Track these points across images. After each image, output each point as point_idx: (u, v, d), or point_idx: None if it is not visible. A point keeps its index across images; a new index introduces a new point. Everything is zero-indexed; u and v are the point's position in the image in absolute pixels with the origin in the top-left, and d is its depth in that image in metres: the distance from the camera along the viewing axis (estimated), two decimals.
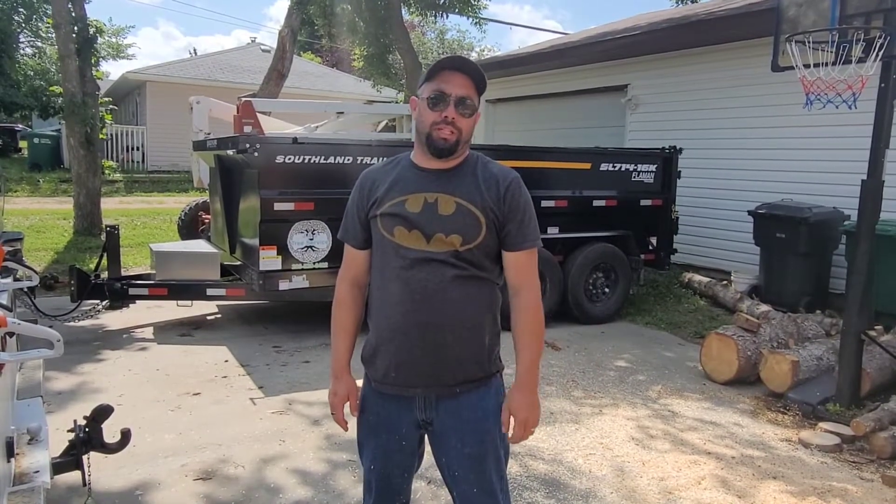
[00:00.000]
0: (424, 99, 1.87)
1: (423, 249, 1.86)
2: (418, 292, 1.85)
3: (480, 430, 1.92)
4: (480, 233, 1.87)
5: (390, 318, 1.90)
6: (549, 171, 6.48)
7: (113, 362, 5.07)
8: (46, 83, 25.21)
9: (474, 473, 1.92)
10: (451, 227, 1.86)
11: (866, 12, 4.09)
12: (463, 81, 1.85)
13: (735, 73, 8.05)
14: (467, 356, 1.91)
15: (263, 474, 3.42)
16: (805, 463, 3.74)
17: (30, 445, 2.19)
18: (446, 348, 1.88)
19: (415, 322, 1.87)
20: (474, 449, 1.92)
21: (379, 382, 1.96)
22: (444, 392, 1.91)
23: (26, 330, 1.92)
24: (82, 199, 10.28)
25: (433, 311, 1.86)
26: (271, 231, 5.35)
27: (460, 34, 42.37)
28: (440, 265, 1.86)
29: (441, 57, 2.05)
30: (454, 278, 1.86)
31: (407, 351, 1.89)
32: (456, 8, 14.33)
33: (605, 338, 6.15)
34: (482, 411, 1.93)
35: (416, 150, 1.96)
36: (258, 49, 25.18)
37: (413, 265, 1.86)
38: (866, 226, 4.29)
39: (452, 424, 1.92)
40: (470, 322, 1.90)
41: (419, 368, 1.89)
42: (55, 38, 10.48)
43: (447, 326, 1.87)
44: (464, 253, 1.86)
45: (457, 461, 1.93)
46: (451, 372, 1.90)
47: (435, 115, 1.85)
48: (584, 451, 3.79)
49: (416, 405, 1.93)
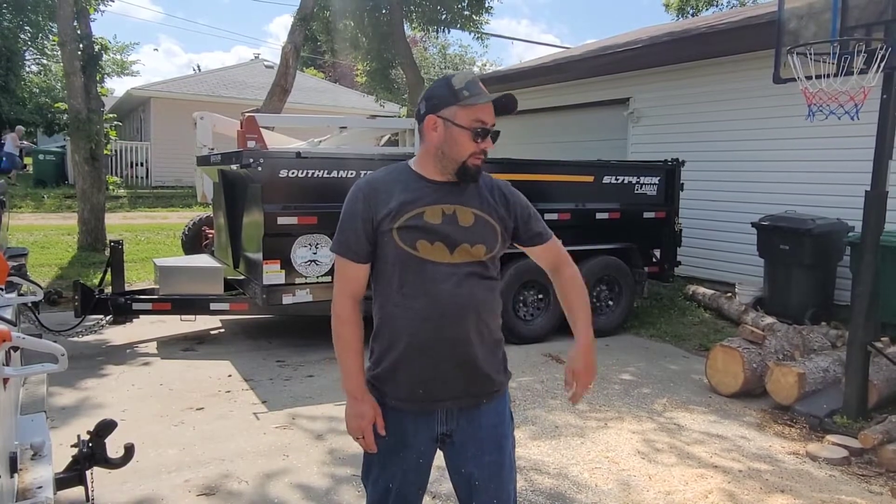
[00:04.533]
0: (465, 129, 1.85)
1: (448, 262, 1.85)
2: (448, 307, 1.84)
3: (498, 436, 1.95)
4: (497, 242, 1.92)
5: (416, 334, 1.86)
6: (552, 185, 6.49)
7: (116, 377, 5.06)
8: (51, 100, 25.41)
9: (494, 482, 1.93)
10: (473, 238, 1.87)
11: (867, 24, 4.10)
12: (492, 111, 1.90)
13: (737, 85, 8.07)
14: (492, 367, 1.95)
15: (267, 490, 3.39)
16: (813, 476, 3.71)
17: (33, 461, 2.18)
18: (476, 361, 1.89)
19: (444, 337, 1.85)
20: (494, 456, 1.94)
21: (401, 400, 1.91)
22: (470, 403, 1.93)
23: (31, 344, 1.91)
24: (86, 215, 10.31)
25: (462, 324, 1.86)
26: (275, 245, 5.35)
27: (462, 49, 42.70)
28: (467, 277, 1.86)
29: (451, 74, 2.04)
30: (480, 290, 1.88)
31: (436, 367, 1.87)
32: (458, 23, 14.40)
33: (609, 351, 6.12)
34: (498, 417, 1.97)
35: (427, 165, 1.92)
36: (261, 65, 25.34)
37: (440, 279, 1.84)
38: (870, 237, 4.28)
39: (472, 433, 1.93)
40: (491, 333, 1.94)
41: (448, 384, 1.89)
42: (60, 55, 10.55)
43: (475, 339, 1.88)
44: (487, 263, 1.90)
45: (478, 469, 1.93)
46: (478, 384, 1.92)
47: (474, 147, 1.87)
48: (589, 464, 3.76)
49: (437, 419, 1.92)
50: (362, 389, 1.92)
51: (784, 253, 6.68)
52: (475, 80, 1.88)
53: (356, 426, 1.90)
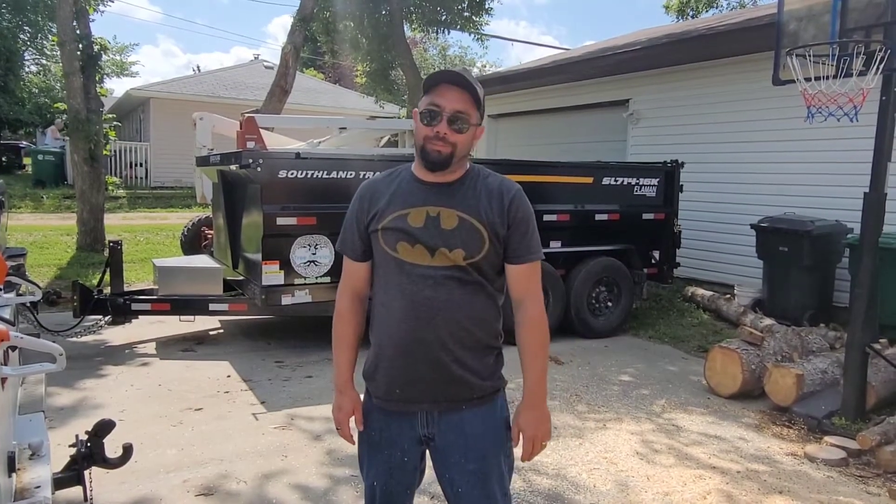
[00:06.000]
0: (419, 112, 1.85)
1: (427, 265, 1.84)
2: (422, 309, 1.83)
3: (483, 446, 1.90)
4: (483, 247, 1.84)
5: (393, 335, 1.88)
6: (552, 186, 6.49)
7: (115, 377, 5.06)
8: (51, 100, 25.45)
9: (478, 489, 1.90)
10: (454, 242, 1.83)
11: (866, 26, 4.11)
12: (458, 96, 1.80)
13: (736, 86, 8.08)
14: (471, 372, 1.88)
15: (265, 490, 3.39)
16: (811, 477, 3.71)
17: (31, 460, 2.18)
18: (451, 365, 1.86)
19: (419, 339, 1.85)
20: (477, 465, 1.89)
21: (381, 399, 1.94)
22: (448, 407, 1.89)
23: (29, 344, 1.91)
24: (86, 215, 10.30)
25: (437, 327, 1.84)
26: (274, 246, 5.35)
27: (462, 50, 42.69)
28: (445, 281, 1.83)
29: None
30: (459, 294, 1.84)
31: (411, 368, 1.87)
32: (458, 24, 14.41)
33: (608, 352, 6.13)
34: (485, 427, 1.91)
35: (416, 163, 1.93)
36: (261, 66, 25.33)
37: (417, 281, 1.84)
38: (869, 239, 4.29)
39: (455, 440, 1.90)
40: (474, 338, 1.88)
41: (423, 385, 1.87)
42: (60, 55, 10.55)
43: (452, 343, 1.85)
44: (467, 267, 1.84)
45: (460, 477, 1.91)
46: (455, 388, 1.88)
47: (428, 131, 1.81)
48: (587, 465, 3.76)
49: (419, 421, 1.91)
50: (345, 384, 2.00)
51: (783, 254, 6.69)
52: (447, 70, 1.86)
53: (335, 418, 2.02)
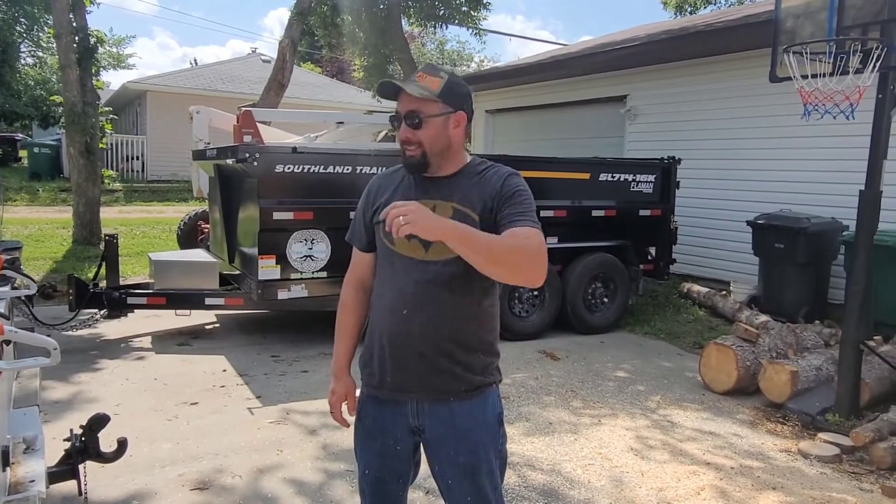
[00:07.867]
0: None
1: (420, 259, 1.86)
2: (413, 300, 1.86)
3: (473, 440, 1.91)
4: None
5: (386, 325, 1.91)
6: (549, 182, 6.49)
7: (110, 371, 5.06)
8: (47, 93, 25.32)
9: (467, 482, 1.91)
10: None
11: (863, 24, 4.11)
12: (405, 97, 1.86)
13: (733, 83, 8.08)
14: (461, 365, 1.89)
15: (260, 484, 3.40)
16: (804, 473, 3.73)
17: (26, 454, 2.18)
18: (437, 357, 1.87)
19: (409, 330, 1.87)
20: (467, 458, 1.90)
21: (374, 387, 1.97)
22: (437, 398, 1.91)
23: (23, 338, 1.91)
24: (82, 209, 10.28)
25: (428, 319, 1.85)
26: (270, 240, 5.35)
27: (460, 45, 42.66)
28: (437, 273, 1.85)
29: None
30: (451, 287, 1.85)
31: (401, 358, 1.89)
32: (456, 19, 14.37)
33: (603, 348, 6.14)
34: (475, 421, 1.92)
35: None
36: (258, 59, 25.25)
37: (410, 273, 1.87)
38: (865, 236, 4.30)
39: (444, 433, 1.91)
40: (465, 331, 1.89)
41: (413, 376, 1.89)
42: (56, 47, 10.51)
43: (437, 337, 1.87)
44: (461, 260, 1.80)
45: (450, 470, 1.92)
46: (442, 380, 1.89)
47: (399, 136, 1.89)
48: (582, 461, 3.78)
49: (409, 411, 1.93)
50: (341, 370, 2.07)
51: (779, 251, 6.70)
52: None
53: (328, 401, 2.10)
